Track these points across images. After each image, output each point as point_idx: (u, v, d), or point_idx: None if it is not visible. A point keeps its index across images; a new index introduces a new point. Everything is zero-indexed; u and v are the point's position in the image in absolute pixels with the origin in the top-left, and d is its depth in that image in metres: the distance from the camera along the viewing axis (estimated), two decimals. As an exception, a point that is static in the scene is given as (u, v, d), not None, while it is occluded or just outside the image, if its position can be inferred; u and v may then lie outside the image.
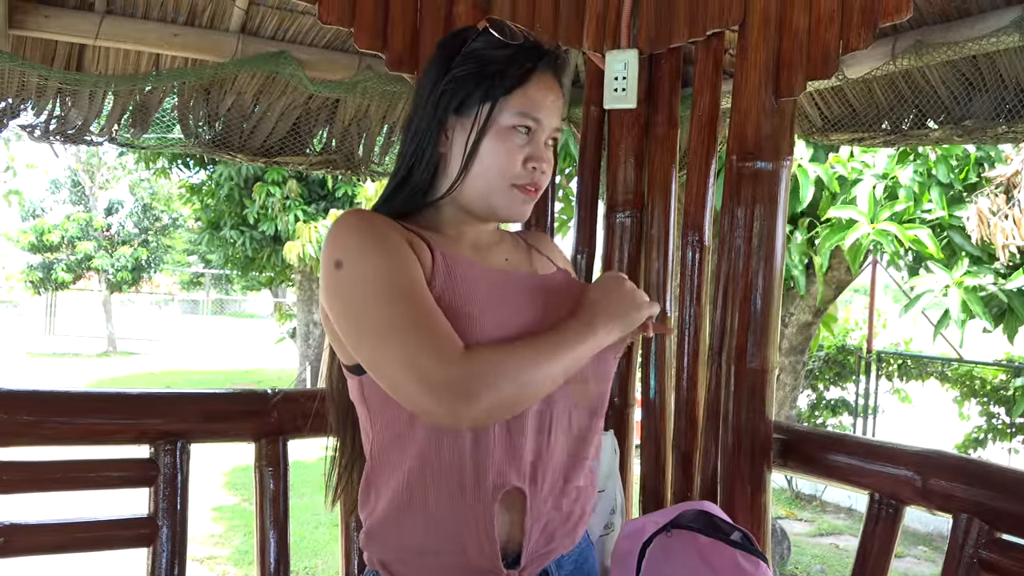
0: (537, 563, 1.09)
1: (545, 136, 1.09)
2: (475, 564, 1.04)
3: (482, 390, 0.93)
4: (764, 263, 1.56)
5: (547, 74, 1.09)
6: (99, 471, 1.51)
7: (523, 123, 1.06)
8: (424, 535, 1.05)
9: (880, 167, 4.42)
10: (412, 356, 0.93)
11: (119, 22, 1.95)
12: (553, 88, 1.10)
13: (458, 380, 0.92)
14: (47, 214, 19.53)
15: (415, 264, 1.01)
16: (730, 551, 1.29)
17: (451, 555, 1.04)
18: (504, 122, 1.06)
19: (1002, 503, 1.29)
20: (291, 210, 9.81)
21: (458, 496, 1.02)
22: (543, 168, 1.08)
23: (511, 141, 1.06)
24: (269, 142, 2.34)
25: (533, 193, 1.09)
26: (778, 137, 1.55)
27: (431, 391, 0.92)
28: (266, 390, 1.64)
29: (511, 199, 1.08)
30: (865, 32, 1.46)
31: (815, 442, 1.62)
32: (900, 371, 6.91)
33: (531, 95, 1.07)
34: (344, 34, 2.06)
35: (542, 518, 1.08)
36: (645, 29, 1.69)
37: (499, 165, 1.06)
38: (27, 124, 2.09)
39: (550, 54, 1.11)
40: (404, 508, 1.05)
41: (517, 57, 1.07)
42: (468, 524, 1.03)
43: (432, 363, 0.93)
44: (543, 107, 1.07)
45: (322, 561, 4.88)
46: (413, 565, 1.07)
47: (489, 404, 0.93)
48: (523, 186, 1.08)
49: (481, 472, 1.02)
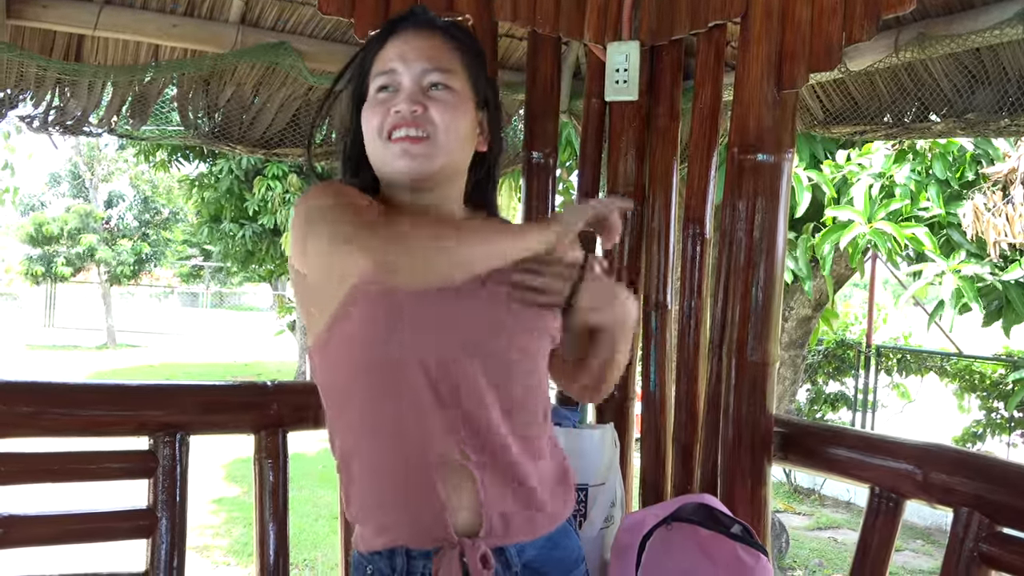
0: (493, 540, 1.06)
1: (411, 81, 1.08)
2: (432, 531, 1.04)
3: (391, 226, 0.96)
4: (765, 256, 1.55)
5: (403, 32, 1.11)
6: (98, 463, 1.52)
7: (380, 84, 1.10)
8: (386, 497, 1.07)
9: (877, 167, 4.41)
10: (335, 223, 0.98)
11: (118, 12, 1.94)
12: (410, 39, 1.10)
13: (366, 222, 0.97)
14: (47, 207, 19.54)
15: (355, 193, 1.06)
16: (730, 544, 1.30)
17: (414, 521, 1.05)
18: (371, 93, 1.11)
19: (1003, 497, 1.29)
20: (291, 204, 9.80)
21: (415, 459, 1.04)
22: (399, 107, 1.06)
23: (374, 103, 1.09)
24: (269, 134, 2.33)
25: (404, 140, 1.06)
26: (780, 130, 1.55)
27: (345, 233, 0.96)
28: (265, 382, 1.64)
29: (387, 153, 1.08)
30: (868, 24, 1.45)
31: (816, 436, 1.62)
32: (899, 365, 6.91)
33: (385, 56, 1.11)
34: (344, 25, 2.05)
35: (498, 494, 1.06)
36: (647, 21, 1.68)
37: (371, 128, 1.09)
38: (26, 115, 2.09)
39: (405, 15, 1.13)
40: (360, 476, 1.09)
41: (374, 38, 1.13)
42: (421, 488, 1.04)
43: (348, 225, 0.97)
44: (393, 59, 1.09)
45: (322, 553, 4.89)
46: (373, 531, 1.09)
47: (397, 237, 0.95)
48: (389, 136, 1.07)
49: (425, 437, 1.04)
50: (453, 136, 1.08)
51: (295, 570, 4.53)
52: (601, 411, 1.78)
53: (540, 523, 1.11)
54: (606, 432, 1.60)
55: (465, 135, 1.11)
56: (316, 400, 1.13)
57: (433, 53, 1.10)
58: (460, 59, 1.12)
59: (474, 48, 1.16)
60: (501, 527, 1.06)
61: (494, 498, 1.06)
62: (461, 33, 1.16)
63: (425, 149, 1.06)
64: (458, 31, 1.16)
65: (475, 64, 1.15)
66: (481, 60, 1.17)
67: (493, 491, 1.05)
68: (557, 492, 1.14)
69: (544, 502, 1.10)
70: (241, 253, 10.94)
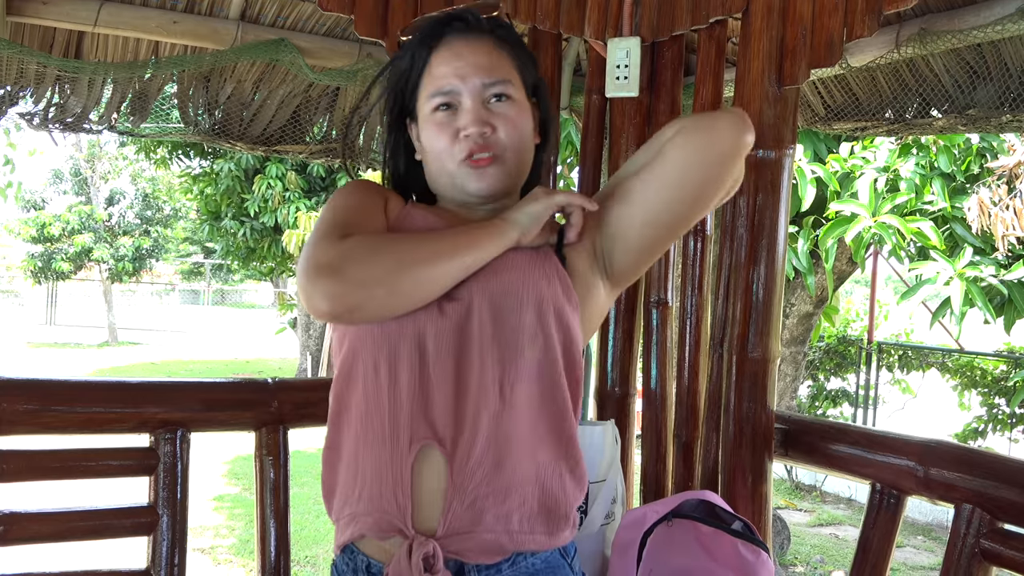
0: (455, 542, 0.99)
1: (469, 98, 1.07)
2: (389, 520, 1.00)
3: (350, 265, 0.94)
4: (766, 252, 1.55)
5: (451, 42, 1.10)
6: (99, 460, 1.51)
7: (437, 103, 1.08)
8: (349, 485, 1.04)
9: (881, 161, 4.40)
10: (308, 248, 0.98)
11: (118, 9, 1.93)
12: (460, 51, 1.09)
13: (331, 259, 0.95)
14: (48, 204, 19.53)
15: (370, 198, 1.08)
16: (731, 540, 1.29)
17: (375, 508, 1.01)
18: (426, 112, 1.10)
19: (1003, 492, 1.29)
20: (292, 203, 9.80)
21: (382, 444, 1.00)
22: (468, 131, 1.06)
23: (436, 124, 1.08)
24: (269, 131, 2.33)
25: (480, 162, 1.06)
26: (781, 126, 1.55)
27: (309, 273, 0.95)
28: (266, 379, 1.64)
29: (464, 176, 1.08)
30: (869, 20, 1.45)
31: (817, 432, 1.62)
32: (901, 362, 6.91)
33: (434, 73, 1.09)
34: (344, 21, 2.05)
35: (467, 492, 0.99)
36: (647, 17, 1.68)
37: (436, 151, 1.09)
38: (26, 112, 2.08)
39: (446, 25, 1.11)
40: (335, 457, 1.06)
41: (413, 54, 1.11)
42: (387, 475, 1.00)
43: (318, 249, 0.97)
44: (449, 76, 1.08)
45: (323, 550, 4.89)
46: (340, 514, 1.05)
47: (357, 279, 0.94)
48: (465, 159, 1.07)
49: (394, 421, 1.00)
50: (521, 149, 1.10)
51: (296, 567, 4.54)
52: (602, 408, 1.78)
53: (504, 544, 1.00)
54: (607, 429, 1.60)
55: (529, 140, 1.12)
56: (317, 397, 1.14)
57: (489, 64, 1.09)
58: (513, 62, 1.12)
59: (520, 43, 1.16)
60: (467, 521, 0.99)
61: (462, 485, 0.99)
62: (505, 31, 1.14)
63: (498, 170, 1.08)
64: (502, 29, 1.14)
65: (525, 58, 1.15)
66: (526, 52, 1.17)
67: (463, 478, 0.99)
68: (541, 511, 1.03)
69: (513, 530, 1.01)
70: (242, 250, 10.94)
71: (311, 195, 10.20)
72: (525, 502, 1.02)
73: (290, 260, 10.84)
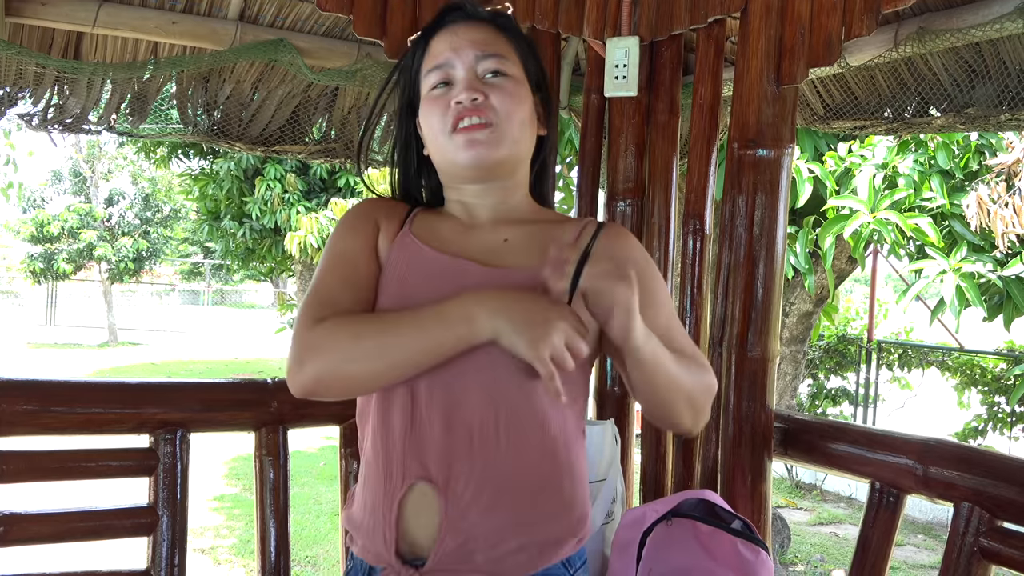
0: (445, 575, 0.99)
1: (463, 69, 1.07)
2: (377, 551, 1.02)
3: (309, 358, 0.96)
4: (765, 252, 1.55)
5: (452, 25, 1.11)
6: (99, 460, 1.51)
7: (434, 80, 1.09)
8: (359, 515, 1.07)
9: (879, 158, 4.40)
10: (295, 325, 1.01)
11: (117, 10, 1.93)
12: (459, 30, 1.09)
13: (299, 345, 0.98)
14: (48, 204, 19.53)
15: (360, 237, 1.09)
16: (731, 539, 1.29)
17: (370, 539, 1.04)
18: (425, 91, 1.11)
19: (1003, 491, 1.29)
20: (291, 204, 9.80)
21: (380, 481, 1.03)
22: (458, 98, 1.05)
23: (433, 99, 1.09)
24: (268, 131, 2.33)
25: (469, 129, 1.05)
26: (779, 125, 1.55)
27: (289, 359, 0.98)
28: (266, 380, 1.63)
29: (451, 146, 1.07)
30: (868, 18, 1.45)
31: (816, 431, 1.62)
32: (900, 360, 6.91)
33: (433, 52, 1.10)
34: (343, 21, 2.05)
35: (460, 532, 0.98)
36: (646, 16, 1.68)
37: (433, 130, 1.09)
38: (25, 113, 2.08)
39: (449, 9, 1.12)
40: (360, 486, 1.10)
41: (418, 38, 1.13)
42: (380, 509, 1.02)
43: (299, 327, 0.99)
44: (448, 49, 1.08)
45: (323, 550, 4.89)
46: (353, 539, 1.09)
47: (314, 373, 0.96)
48: (454, 128, 1.06)
49: (388, 459, 1.01)
50: (516, 122, 1.07)
51: (296, 567, 4.54)
52: (602, 407, 1.78)
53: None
54: (607, 428, 1.60)
55: (526, 119, 1.10)
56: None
57: (484, 39, 1.09)
58: (511, 45, 1.11)
59: (521, 33, 1.16)
60: (458, 557, 0.98)
61: (455, 523, 0.98)
62: (506, 20, 1.15)
63: (490, 136, 1.05)
64: (504, 19, 1.15)
65: (526, 48, 1.14)
66: (530, 44, 1.17)
67: (455, 515, 0.98)
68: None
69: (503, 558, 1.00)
70: (241, 251, 10.94)
71: (311, 197, 10.20)
72: (522, 549, 1.00)
73: (290, 260, 10.84)
